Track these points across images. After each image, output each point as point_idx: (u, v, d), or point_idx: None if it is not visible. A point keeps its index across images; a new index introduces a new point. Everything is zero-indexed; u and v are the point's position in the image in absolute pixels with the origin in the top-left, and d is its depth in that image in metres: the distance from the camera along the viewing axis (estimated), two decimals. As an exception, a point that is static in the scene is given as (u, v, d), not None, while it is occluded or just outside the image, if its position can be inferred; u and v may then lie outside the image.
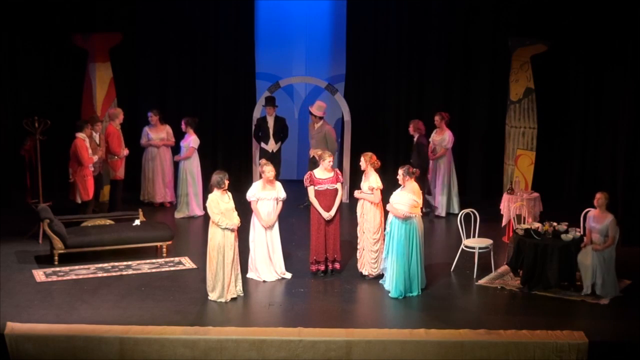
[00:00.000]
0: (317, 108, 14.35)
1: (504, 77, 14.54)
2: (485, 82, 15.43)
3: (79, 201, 12.88)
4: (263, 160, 11.33)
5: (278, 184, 11.24)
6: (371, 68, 15.75)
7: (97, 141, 13.37)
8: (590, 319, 9.94)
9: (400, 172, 10.75)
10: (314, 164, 12.00)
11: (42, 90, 15.24)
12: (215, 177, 10.50)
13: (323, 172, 11.32)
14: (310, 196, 11.31)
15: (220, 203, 10.43)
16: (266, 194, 11.08)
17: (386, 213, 10.89)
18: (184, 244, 12.79)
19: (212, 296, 10.50)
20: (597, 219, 10.68)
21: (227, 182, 10.52)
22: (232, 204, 10.57)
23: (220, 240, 10.39)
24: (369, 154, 11.24)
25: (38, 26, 14.91)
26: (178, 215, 14.14)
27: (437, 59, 15.50)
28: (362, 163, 11.20)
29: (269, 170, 11.06)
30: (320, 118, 14.33)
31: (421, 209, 10.95)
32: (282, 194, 11.19)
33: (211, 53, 15.74)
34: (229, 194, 10.63)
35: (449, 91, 15.61)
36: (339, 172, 11.51)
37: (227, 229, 10.40)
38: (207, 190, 14.60)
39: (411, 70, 15.69)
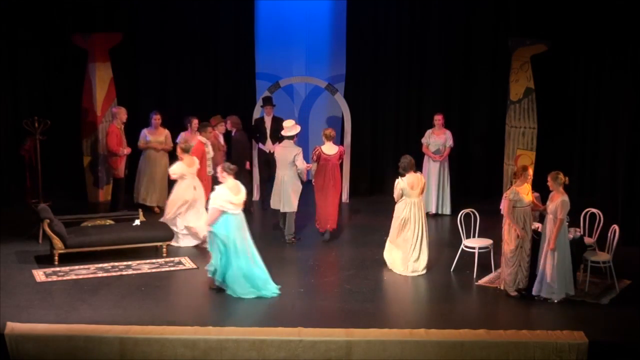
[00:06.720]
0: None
1: (504, 77, 14.55)
2: (486, 82, 15.42)
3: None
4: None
5: None
6: (371, 68, 15.73)
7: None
8: (590, 319, 9.93)
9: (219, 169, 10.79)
10: None
11: (42, 90, 15.24)
12: None
13: (330, 148, 12.49)
14: (312, 167, 12.61)
15: None
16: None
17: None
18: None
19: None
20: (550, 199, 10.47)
21: None
22: None
23: None
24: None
25: (38, 26, 14.91)
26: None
27: (437, 58, 15.48)
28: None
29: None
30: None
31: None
32: None
33: (211, 53, 15.73)
34: None
35: (449, 91, 15.59)
36: (342, 148, 12.86)
37: None
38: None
39: (411, 70, 15.67)
